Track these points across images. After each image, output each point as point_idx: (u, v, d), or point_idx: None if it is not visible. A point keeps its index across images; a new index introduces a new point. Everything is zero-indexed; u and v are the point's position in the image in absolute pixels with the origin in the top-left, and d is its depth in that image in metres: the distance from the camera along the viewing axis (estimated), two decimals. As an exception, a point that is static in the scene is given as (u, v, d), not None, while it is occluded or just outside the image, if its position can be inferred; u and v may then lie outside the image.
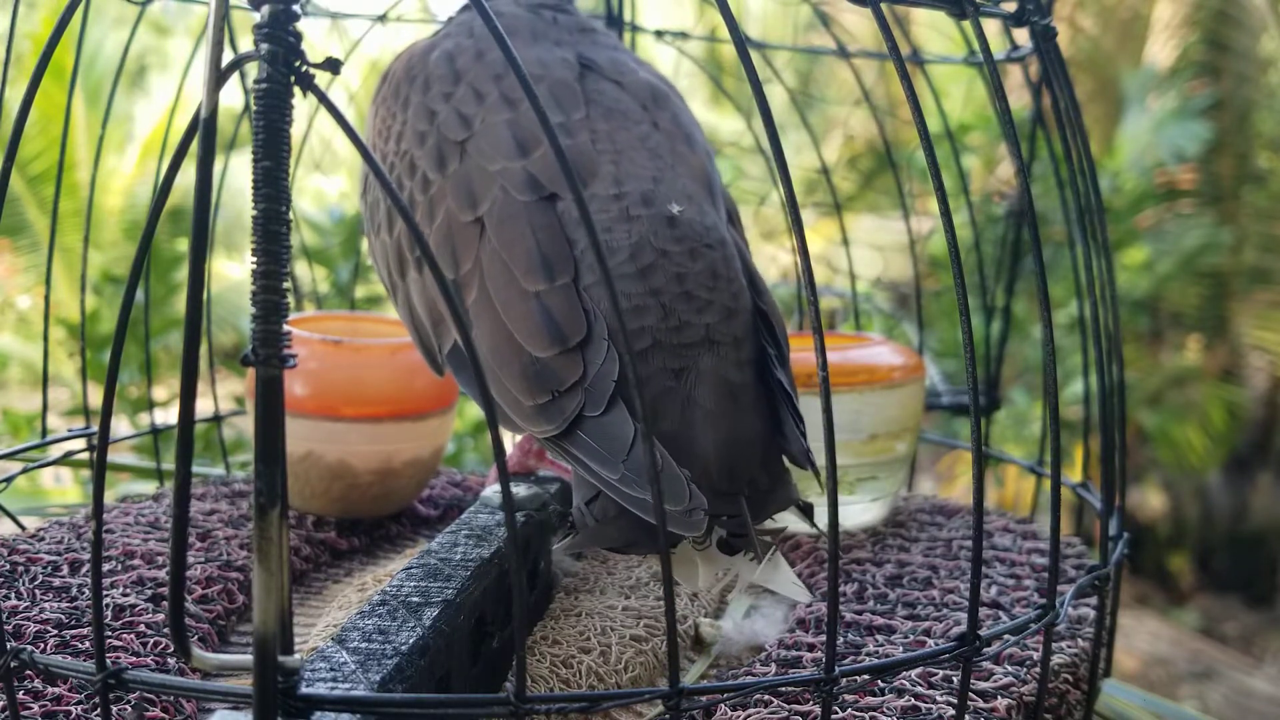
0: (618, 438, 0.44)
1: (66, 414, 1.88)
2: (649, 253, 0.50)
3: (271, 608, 0.28)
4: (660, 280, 0.49)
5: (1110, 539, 0.50)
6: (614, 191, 0.52)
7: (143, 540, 0.64)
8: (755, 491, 0.46)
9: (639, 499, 0.43)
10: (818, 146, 0.93)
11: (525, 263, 0.49)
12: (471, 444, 1.64)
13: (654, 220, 0.51)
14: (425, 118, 0.56)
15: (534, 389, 0.47)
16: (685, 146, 0.57)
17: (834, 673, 0.36)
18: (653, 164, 0.54)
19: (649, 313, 0.48)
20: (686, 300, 0.49)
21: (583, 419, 0.46)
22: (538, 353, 0.47)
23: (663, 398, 0.47)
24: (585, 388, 0.46)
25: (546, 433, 0.46)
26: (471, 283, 0.51)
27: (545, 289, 0.48)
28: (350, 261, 1.55)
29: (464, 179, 0.53)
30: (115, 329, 0.33)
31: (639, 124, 0.56)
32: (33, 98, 0.39)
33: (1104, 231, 0.54)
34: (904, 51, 0.74)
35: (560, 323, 0.48)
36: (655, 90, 0.59)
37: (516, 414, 0.48)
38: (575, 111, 0.55)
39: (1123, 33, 3.57)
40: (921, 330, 0.97)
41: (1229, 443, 3.38)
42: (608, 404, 0.45)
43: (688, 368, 0.48)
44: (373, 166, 0.30)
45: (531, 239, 0.50)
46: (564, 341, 0.47)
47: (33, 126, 2.84)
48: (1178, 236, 3.23)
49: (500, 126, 0.53)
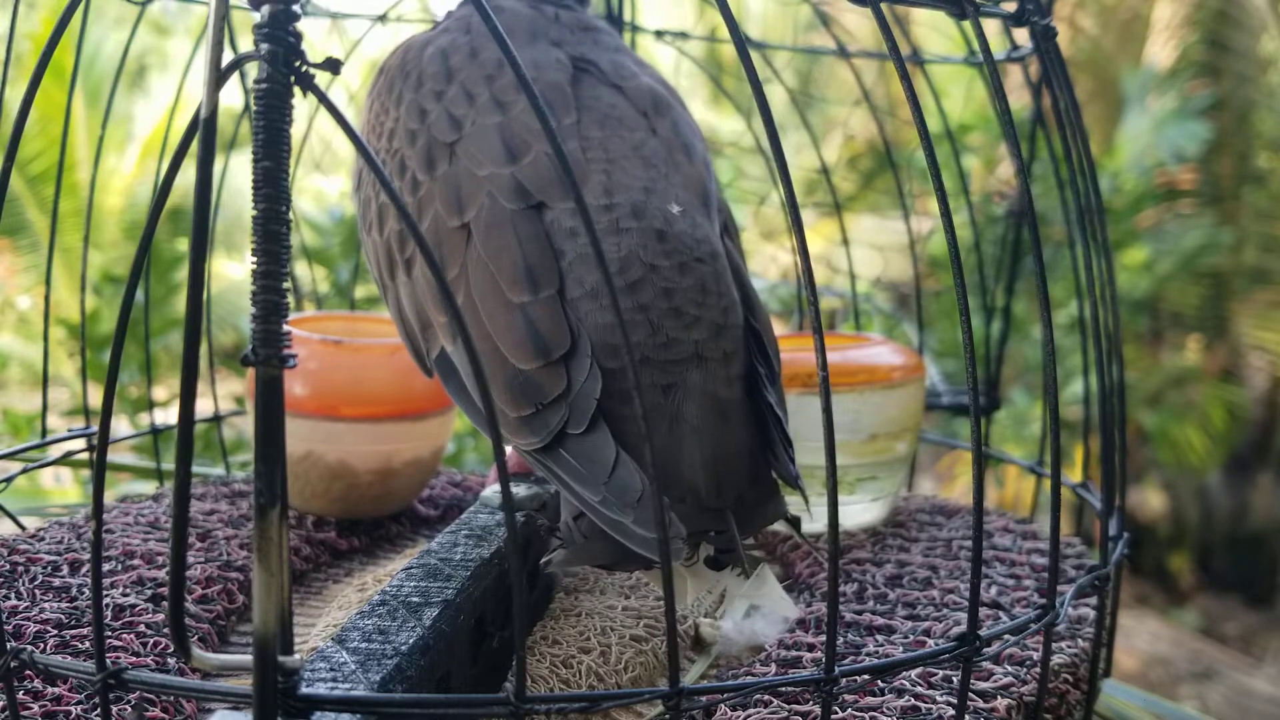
0: (599, 460, 0.44)
1: (66, 414, 1.88)
2: (637, 267, 0.49)
3: (271, 608, 0.28)
4: (648, 296, 0.49)
5: (1110, 539, 0.50)
6: (604, 202, 0.51)
7: (143, 540, 0.64)
8: (743, 506, 0.46)
9: (618, 522, 0.43)
10: (818, 146, 0.93)
11: (510, 273, 0.49)
12: (471, 444, 1.64)
13: (644, 233, 0.50)
14: (417, 116, 0.55)
15: (518, 401, 0.46)
16: (683, 156, 0.56)
17: (834, 673, 0.36)
18: (646, 173, 0.53)
19: (637, 329, 0.48)
20: (675, 316, 0.48)
21: (565, 436, 0.45)
22: (521, 365, 0.47)
23: (650, 414, 0.46)
24: (569, 402, 0.46)
25: (531, 445, 0.46)
26: (457, 290, 0.50)
27: (529, 300, 0.48)
28: (350, 261, 1.55)
29: (452, 183, 0.52)
30: (115, 329, 0.33)
31: (635, 131, 0.55)
32: (33, 98, 0.39)
33: (1104, 231, 0.54)
34: (904, 51, 0.75)
35: (544, 335, 0.47)
36: (657, 97, 0.58)
37: (502, 425, 0.47)
38: (565, 117, 0.54)
39: (1123, 33, 3.56)
40: (921, 330, 0.97)
41: (1229, 443, 3.38)
42: (590, 422, 0.45)
43: (675, 384, 0.47)
44: (373, 166, 0.30)
45: (518, 249, 0.49)
46: (547, 354, 0.47)
47: (33, 126, 2.84)
48: (1178, 236, 3.23)
49: (490, 130, 0.52)
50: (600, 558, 0.46)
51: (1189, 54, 3.36)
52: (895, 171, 0.90)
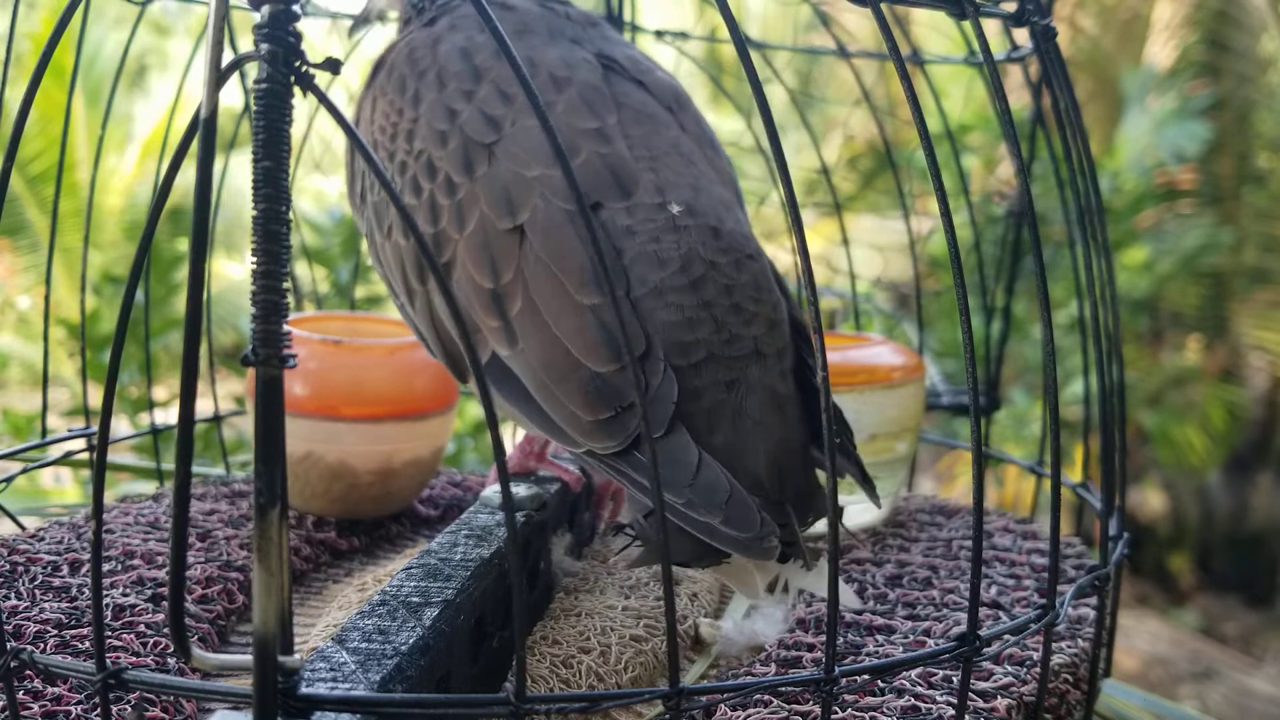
0: (683, 461, 0.44)
1: (66, 414, 1.88)
2: (699, 264, 0.49)
3: (271, 608, 0.28)
4: (711, 292, 0.49)
5: (1110, 539, 0.50)
6: (658, 201, 0.51)
7: (143, 540, 0.64)
8: (800, 499, 0.47)
9: (707, 524, 0.43)
10: (818, 146, 0.93)
11: (578, 275, 0.48)
12: (471, 444, 1.64)
13: (700, 230, 0.50)
14: (444, 116, 0.54)
15: (595, 404, 0.46)
16: (712, 151, 0.56)
17: (834, 673, 0.36)
18: (689, 170, 0.53)
19: (703, 325, 0.48)
20: (736, 312, 0.49)
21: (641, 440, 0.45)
22: (597, 367, 0.46)
23: (716, 410, 0.46)
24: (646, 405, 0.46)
25: (608, 449, 0.46)
26: (515, 293, 0.49)
27: (600, 302, 0.47)
28: (350, 261, 1.55)
29: (498, 184, 0.51)
30: (115, 329, 0.33)
31: (669, 128, 0.55)
32: (33, 98, 0.39)
33: (1104, 231, 0.54)
34: (904, 51, 0.75)
35: (618, 337, 0.46)
36: (676, 91, 0.58)
37: (574, 429, 0.47)
38: (608, 116, 0.53)
39: (1123, 33, 3.56)
40: (921, 330, 0.97)
41: (1229, 443, 3.38)
42: (669, 426, 0.45)
43: (738, 380, 0.47)
44: (374, 168, 0.30)
45: (582, 250, 0.48)
46: (623, 356, 0.46)
47: (33, 126, 2.84)
48: (1178, 236, 3.23)
49: (534, 130, 0.52)
50: (678, 555, 0.46)
51: (1189, 54, 3.36)
52: (895, 171, 0.90)
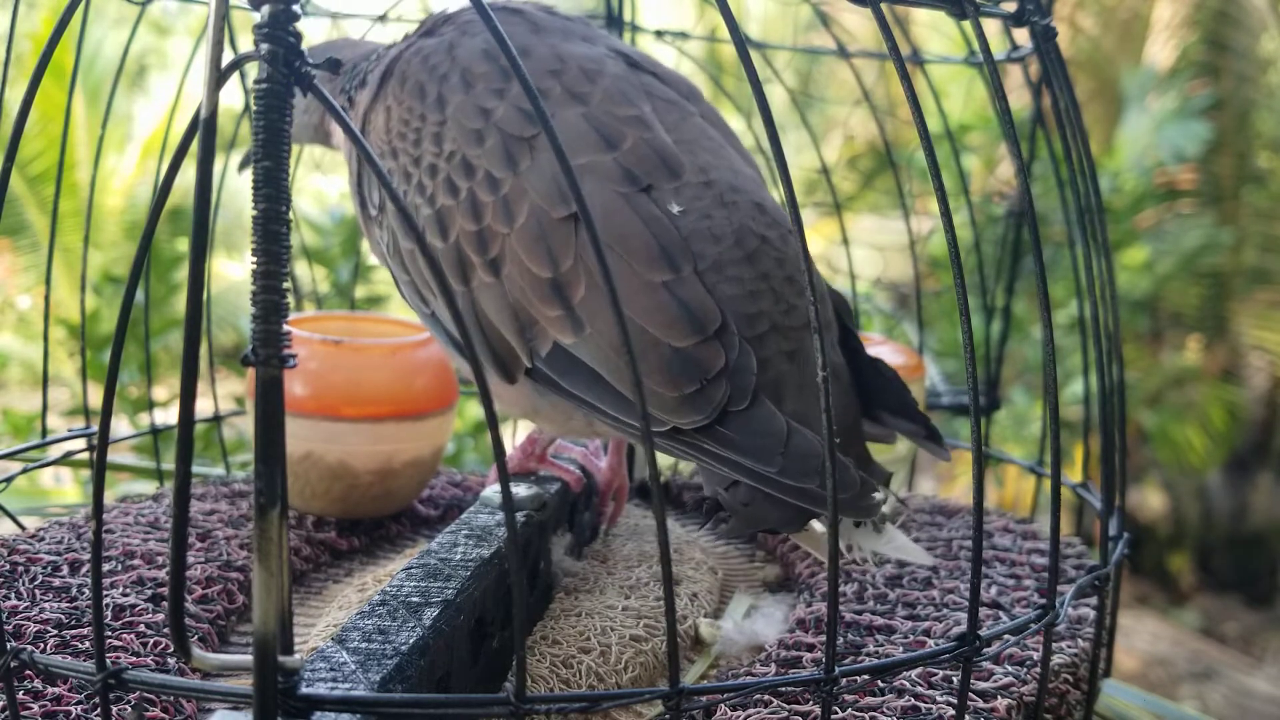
0: (772, 431, 0.45)
1: (66, 414, 1.87)
2: (752, 238, 0.50)
3: (271, 608, 0.28)
4: (767, 264, 0.50)
5: (1110, 539, 0.50)
6: (704, 180, 0.52)
7: (143, 540, 0.64)
8: (860, 466, 0.48)
9: (801, 489, 0.44)
10: (818, 146, 0.93)
11: (645, 254, 0.49)
12: (471, 444, 1.64)
13: (748, 206, 0.51)
14: (477, 115, 0.54)
15: (678, 379, 0.47)
16: (732, 135, 0.58)
17: (834, 673, 0.36)
18: (722, 154, 0.54)
19: (764, 297, 0.49)
20: (790, 284, 0.50)
21: (727, 414, 0.46)
22: (676, 343, 0.47)
23: (783, 380, 0.48)
24: (728, 377, 0.47)
25: (694, 423, 0.47)
26: (577, 280, 0.50)
27: (673, 278, 0.48)
28: (350, 261, 1.55)
29: (546, 174, 0.52)
30: (115, 329, 0.33)
31: (692, 116, 0.56)
32: (33, 98, 0.39)
33: (1104, 231, 0.54)
34: (904, 51, 0.74)
35: (695, 311, 0.48)
36: (688, 82, 0.59)
37: (657, 407, 0.47)
38: (643, 105, 0.54)
39: (1123, 33, 3.56)
40: (921, 330, 0.97)
41: (1229, 443, 3.38)
42: (752, 398, 0.46)
43: (798, 349, 0.49)
44: (375, 169, 0.30)
45: (644, 229, 0.50)
46: (704, 330, 0.47)
47: (33, 126, 2.84)
48: (1178, 236, 3.23)
49: (575, 120, 0.53)
50: (767, 522, 0.47)
51: (1189, 54, 3.36)
52: (895, 171, 0.90)
